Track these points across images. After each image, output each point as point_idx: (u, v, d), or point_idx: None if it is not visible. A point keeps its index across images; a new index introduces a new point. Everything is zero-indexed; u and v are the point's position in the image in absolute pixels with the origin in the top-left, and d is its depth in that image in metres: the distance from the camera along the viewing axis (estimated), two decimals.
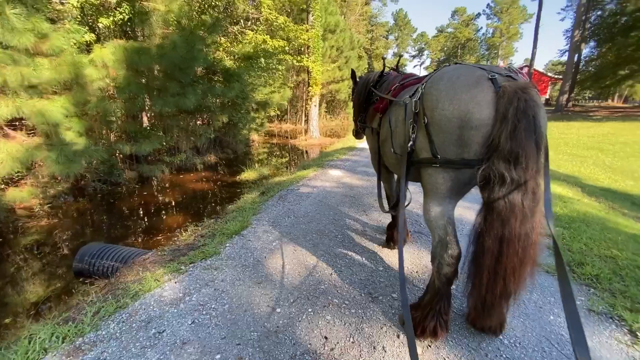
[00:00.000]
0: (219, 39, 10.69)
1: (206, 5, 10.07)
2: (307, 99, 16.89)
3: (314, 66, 15.25)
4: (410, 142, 1.56)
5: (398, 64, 2.64)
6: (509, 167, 1.22)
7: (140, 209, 6.43)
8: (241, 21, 14.15)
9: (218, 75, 9.80)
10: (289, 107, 22.81)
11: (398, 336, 1.72)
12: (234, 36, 12.47)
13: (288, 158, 12.39)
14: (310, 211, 3.79)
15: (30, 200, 5.84)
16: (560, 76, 32.22)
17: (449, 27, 65.83)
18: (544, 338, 1.71)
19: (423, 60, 70.80)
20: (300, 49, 15.89)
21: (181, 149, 9.33)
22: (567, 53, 28.94)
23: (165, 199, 7.03)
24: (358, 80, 2.89)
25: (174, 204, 6.67)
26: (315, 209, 3.86)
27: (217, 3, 10.16)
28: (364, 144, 9.97)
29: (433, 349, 1.63)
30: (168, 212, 6.14)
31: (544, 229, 1.31)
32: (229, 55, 10.73)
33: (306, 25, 14.60)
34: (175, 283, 2.27)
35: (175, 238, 3.81)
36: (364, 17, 41.57)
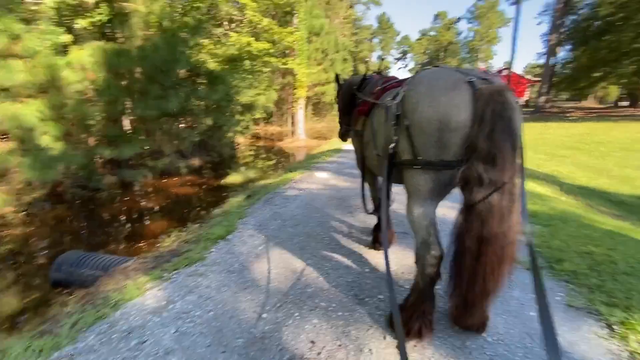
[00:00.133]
0: (202, 41, 10.56)
1: (189, 7, 9.93)
2: (293, 101, 16.89)
3: (299, 68, 15.26)
4: (392, 144, 1.58)
5: (380, 67, 2.67)
6: (487, 168, 1.24)
7: (122, 215, 6.26)
8: (225, 23, 14.04)
9: (202, 77, 9.68)
10: (275, 110, 22.73)
11: (384, 337, 1.73)
12: (217, 38, 12.34)
13: (275, 161, 12.34)
14: (296, 214, 3.77)
15: (3, 208, 5.60)
16: (539, 78, 33.32)
17: (432, 31, 67.07)
18: (526, 334, 1.75)
19: (407, 63, 71.87)
20: (286, 52, 15.87)
21: (164, 153, 9.14)
22: (545, 56, 30.04)
23: (148, 204, 6.87)
24: (342, 83, 2.91)
25: (157, 209, 6.52)
26: (302, 212, 3.85)
27: (200, 5, 10.03)
28: (350, 145, 10.02)
29: (419, 349, 1.64)
30: (151, 218, 6.00)
31: (521, 228, 1.34)
32: (212, 57, 10.61)
33: (291, 28, 14.60)
34: (158, 291, 2.21)
35: (159, 244, 3.72)
36: (348, 20, 41.88)
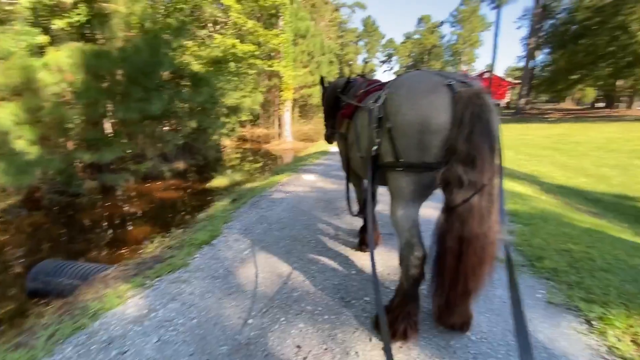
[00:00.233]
0: (186, 42, 10.41)
1: (172, 8, 9.78)
2: (280, 104, 16.84)
3: (285, 71, 15.23)
4: (375, 147, 1.59)
5: (364, 70, 2.69)
6: (466, 170, 1.27)
7: (103, 221, 6.08)
8: (209, 25, 13.89)
9: (186, 79, 9.53)
10: (262, 112, 22.61)
11: (370, 340, 1.73)
12: (201, 40, 12.19)
13: (261, 163, 12.25)
14: (283, 217, 3.75)
15: None
16: (519, 81, 34.35)
17: (416, 34, 68.21)
18: (508, 331, 1.78)
19: (392, 66, 72.80)
20: (271, 54, 15.82)
21: (147, 157, 8.94)
22: (524, 59, 31.00)
23: (130, 209, 6.70)
24: (326, 86, 2.92)
25: (140, 214, 6.37)
26: (289, 215, 3.83)
27: (183, 6, 9.90)
28: (337, 147, 10.04)
29: (404, 350, 1.65)
30: (134, 224, 5.85)
31: (500, 228, 1.37)
32: (196, 59, 10.47)
33: (276, 30, 14.57)
34: (140, 299, 2.15)
35: (141, 251, 3.63)
36: (334, 23, 42.17)
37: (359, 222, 3.46)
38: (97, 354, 1.65)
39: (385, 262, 2.59)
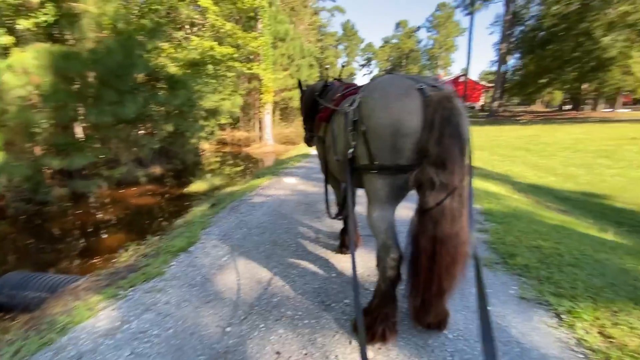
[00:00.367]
0: (162, 44, 10.16)
1: (146, 9, 9.53)
2: (260, 106, 16.71)
3: (265, 74, 15.15)
4: (351, 149, 1.60)
5: (341, 74, 2.71)
6: (438, 172, 1.30)
7: (75, 229, 5.81)
8: (186, 27, 13.63)
9: (162, 82, 9.29)
10: (242, 115, 22.36)
11: (350, 342, 1.73)
12: (178, 42, 11.94)
13: (242, 167, 12.09)
14: (263, 221, 3.71)
15: None
16: (492, 84, 35.67)
17: (394, 39, 69.73)
18: None
19: (371, 70, 73.93)
20: (251, 57, 15.70)
21: (121, 162, 8.63)
22: (497, 64, 32.27)
23: (104, 216, 6.44)
24: (305, 89, 2.92)
25: (114, 222, 6.13)
26: (269, 219, 3.79)
27: (158, 7, 9.66)
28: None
29: (384, 351, 1.66)
30: (108, 232, 5.63)
31: (471, 228, 1.40)
32: (173, 61, 10.23)
33: (255, 33, 14.48)
34: (112, 311, 2.06)
35: (114, 260, 3.49)
36: (313, 27, 42.40)
37: (339, 225, 3.46)
38: None
39: (366, 264, 2.61)
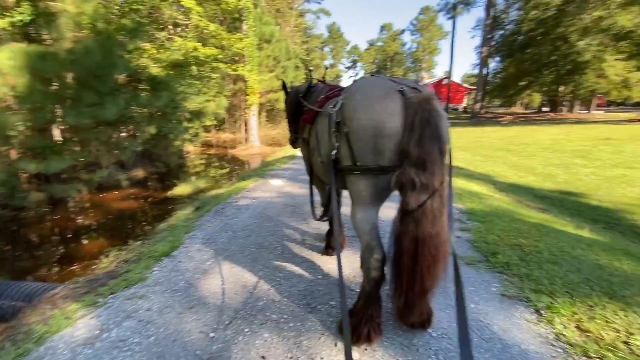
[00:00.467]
0: (144, 44, 9.94)
1: (127, 9, 9.31)
2: (246, 108, 16.56)
3: (250, 75, 15.03)
4: (334, 151, 1.61)
5: (324, 75, 2.72)
6: (418, 172, 1.31)
7: (53, 235, 5.61)
8: (169, 27, 13.40)
9: (144, 83, 9.09)
10: (227, 117, 22.13)
11: (336, 344, 1.73)
12: (160, 42, 11.71)
13: (227, 169, 11.94)
14: (249, 224, 3.67)
15: None
16: (474, 87, 36.57)
17: (379, 41, 70.56)
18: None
19: (357, 72, 74.47)
20: (236, 58, 15.56)
21: (102, 165, 8.39)
22: (478, 67, 33.12)
23: (84, 222, 6.24)
24: (289, 91, 2.91)
25: (94, 227, 5.94)
26: (255, 222, 3.75)
27: (140, 7, 9.46)
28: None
29: (369, 352, 1.66)
30: (88, 237, 5.45)
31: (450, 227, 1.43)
32: (155, 62, 10.03)
33: (240, 34, 14.36)
34: (91, 319, 2.00)
35: (94, 266, 3.38)
36: (299, 29, 42.46)
37: (325, 227, 3.47)
38: None
39: (351, 265, 2.61)
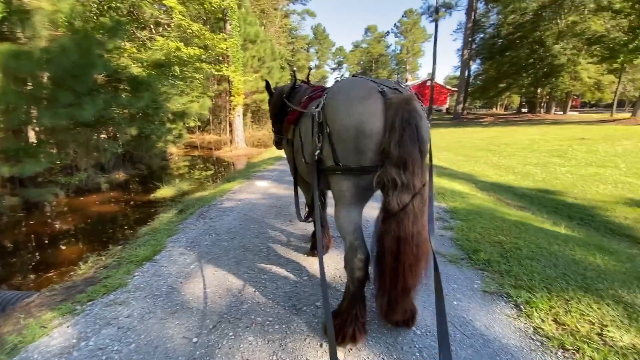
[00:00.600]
0: (124, 44, 9.69)
1: (106, 7, 9.06)
2: (231, 109, 16.36)
3: (234, 76, 14.86)
4: (317, 151, 1.61)
5: (308, 76, 2.72)
6: (399, 172, 1.33)
7: (28, 241, 5.37)
8: (150, 26, 13.11)
9: (124, 83, 8.85)
10: (212, 117, 21.81)
11: (321, 345, 1.73)
12: (142, 42, 11.44)
13: (212, 171, 11.76)
14: (233, 226, 3.63)
15: None
16: (456, 89, 37.40)
17: (364, 43, 71.22)
18: (450, 323, 1.88)
19: (343, 73, 74.84)
20: (220, 58, 15.36)
21: (80, 168, 8.11)
22: (460, 69, 33.90)
23: (61, 226, 6.01)
24: (273, 91, 2.90)
25: (72, 232, 5.73)
26: (239, 224, 3.71)
27: (120, 5, 9.22)
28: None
29: (355, 352, 1.67)
30: (65, 243, 5.25)
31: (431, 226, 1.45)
32: (136, 62, 9.79)
33: (224, 34, 14.20)
34: (68, 327, 1.93)
35: (72, 273, 3.26)
36: (284, 30, 42.34)
37: (311, 228, 3.46)
38: None
39: (337, 265, 2.62)
